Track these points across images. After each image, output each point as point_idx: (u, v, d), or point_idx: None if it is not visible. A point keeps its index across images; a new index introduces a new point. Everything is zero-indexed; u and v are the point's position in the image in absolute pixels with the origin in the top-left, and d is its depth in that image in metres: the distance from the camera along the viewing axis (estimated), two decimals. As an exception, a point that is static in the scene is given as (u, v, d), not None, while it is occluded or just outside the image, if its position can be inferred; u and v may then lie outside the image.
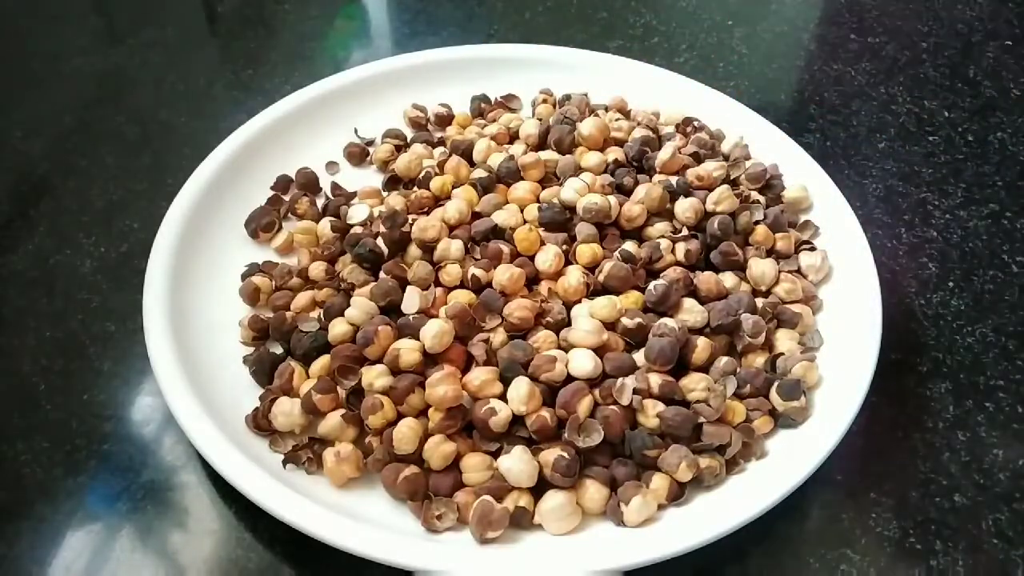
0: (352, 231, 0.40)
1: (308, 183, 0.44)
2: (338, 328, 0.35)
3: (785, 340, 0.36)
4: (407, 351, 0.34)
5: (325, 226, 0.41)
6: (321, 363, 0.35)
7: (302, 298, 0.38)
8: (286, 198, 0.44)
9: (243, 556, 0.33)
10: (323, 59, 0.58)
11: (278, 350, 0.37)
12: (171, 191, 0.41)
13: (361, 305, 0.36)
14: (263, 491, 0.31)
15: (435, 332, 0.34)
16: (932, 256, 0.45)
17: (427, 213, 0.41)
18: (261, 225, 0.41)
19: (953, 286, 0.43)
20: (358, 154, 0.47)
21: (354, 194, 0.44)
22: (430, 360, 0.34)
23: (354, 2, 0.65)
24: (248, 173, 0.44)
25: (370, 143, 0.47)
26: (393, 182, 0.45)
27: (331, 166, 0.46)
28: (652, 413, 0.33)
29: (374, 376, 0.33)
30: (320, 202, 0.44)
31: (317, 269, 0.39)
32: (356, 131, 0.48)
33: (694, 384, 0.34)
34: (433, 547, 0.30)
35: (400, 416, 0.33)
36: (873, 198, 0.48)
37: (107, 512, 0.34)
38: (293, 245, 0.41)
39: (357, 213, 0.41)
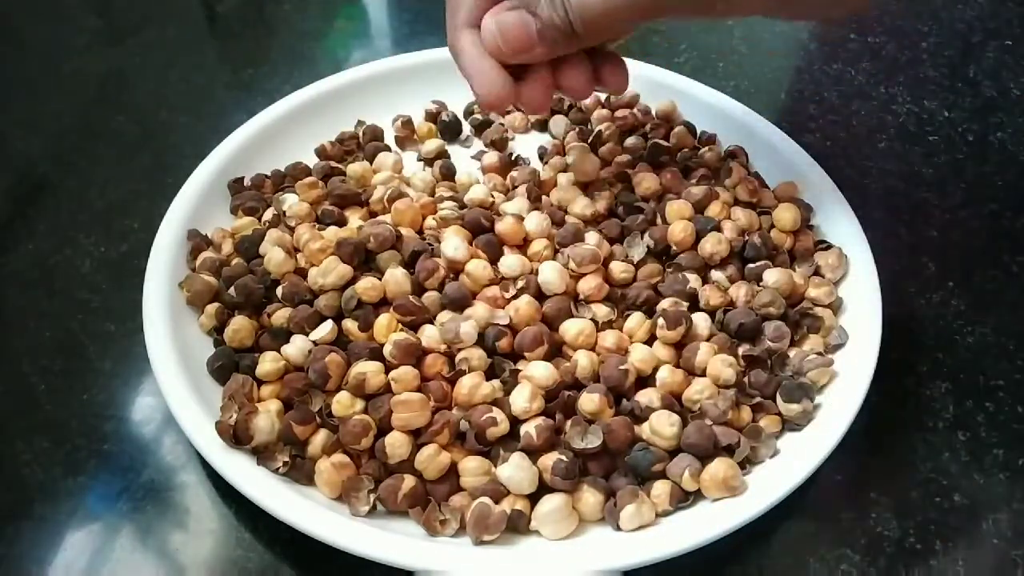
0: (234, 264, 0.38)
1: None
2: (268, 365, 0.35)
3: (812, 343, 0.36)
4: (373, 374, 0.33)
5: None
6: (272, 388, 0.34)
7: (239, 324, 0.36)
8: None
9: (243, 556, 0.33)
10: (323, 59, 0.58)
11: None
12: (171, 191, 0.41)
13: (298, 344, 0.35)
14: (263, 491, 0.31)
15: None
16: (932, 256, 0.45)
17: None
18: (245, 208, 0.41)
19: (953, 286, 0.43)
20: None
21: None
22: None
23: (354, 2, 0.65)
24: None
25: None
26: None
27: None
28: (665, 432, 0.32)
29: (344, 406, 0.33)
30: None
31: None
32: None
33: (697, 393, 0.34)
34: (433, 547, 0.30)
35: (382, 431, 0.33)
36: (873, 198, 0.48)
37: (107, 512, 0.34)
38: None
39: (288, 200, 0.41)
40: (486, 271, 0.36)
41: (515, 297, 0.36)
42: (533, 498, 0.31)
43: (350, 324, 0.35)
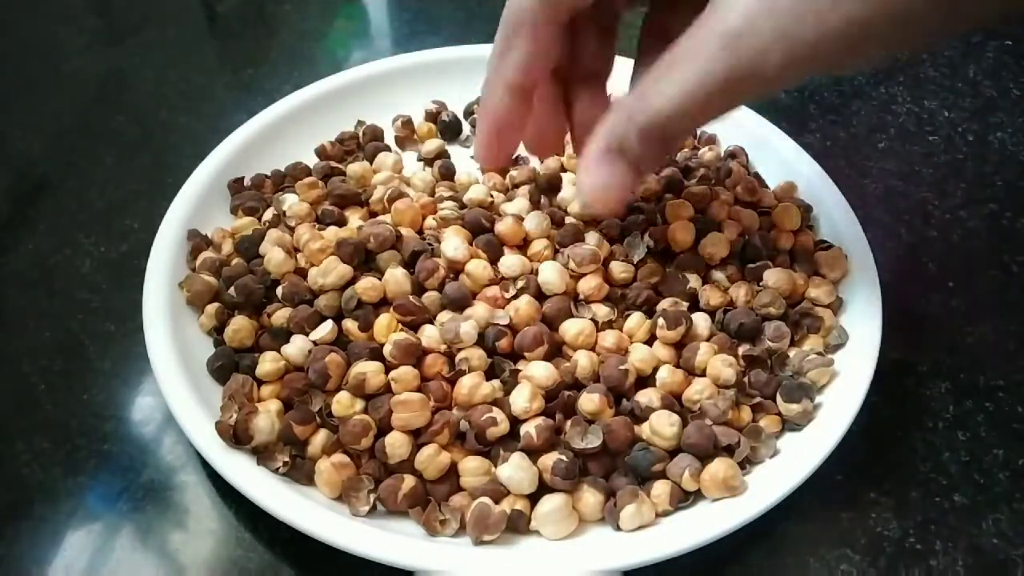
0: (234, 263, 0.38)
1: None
2: (268, 365, 0.34)
3: (812, 343, 0.36)
4: (373, 374, 0.33)
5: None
6: (272, 388, 0.34)
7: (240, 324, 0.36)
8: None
9: (243, 556, 0.33)
10: (323, 59, 0.58)
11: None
12: (171, 191, 0.41)
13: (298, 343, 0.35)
14: (263, 491, 0.31)
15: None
16: (932, 256, 0.45)
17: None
18: (245, 208, 0.41)
19: (953, 286, 0.43)
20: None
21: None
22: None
23: (354, 2, 0.65)
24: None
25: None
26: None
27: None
28: (665, 432, 0.32)
29: (344, 406, 0.33)
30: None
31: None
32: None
33: (697, 393, 0.34)
34: (433, 547, 0.30)
35: (382, 431, 0.33)
36: (873, 198, 0.48)
37: (107, 512, 0.34)
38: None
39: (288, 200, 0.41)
40: (486, 271, 0.36)
41: (515, 297, 0.36)
42: (533, 498, 0.31)
43: (350, 324, 0.35)
